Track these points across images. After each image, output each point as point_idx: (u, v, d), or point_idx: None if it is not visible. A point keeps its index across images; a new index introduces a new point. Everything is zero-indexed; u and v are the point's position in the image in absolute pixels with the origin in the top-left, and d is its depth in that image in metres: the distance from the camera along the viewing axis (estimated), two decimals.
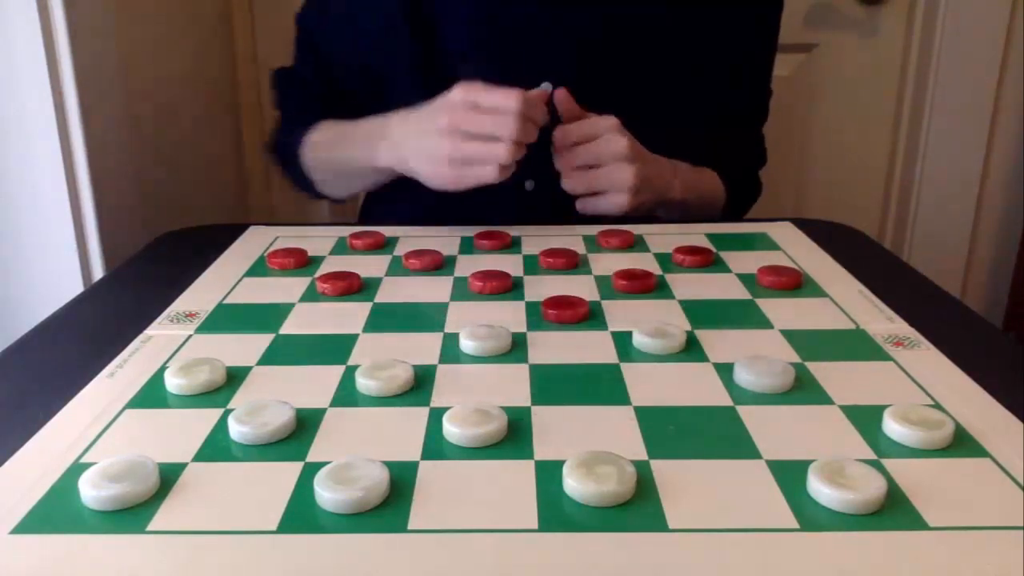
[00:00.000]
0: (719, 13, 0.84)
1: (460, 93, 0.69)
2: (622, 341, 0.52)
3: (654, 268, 0.65)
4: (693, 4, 0.82)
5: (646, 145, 0.75)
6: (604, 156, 0.72)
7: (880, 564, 0.32)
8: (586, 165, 0.73)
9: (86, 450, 0.41)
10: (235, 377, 0.48)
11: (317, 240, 0.73)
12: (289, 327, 0.55)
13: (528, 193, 0.83)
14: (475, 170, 0.69)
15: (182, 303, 0.60)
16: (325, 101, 0.90)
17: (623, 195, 0.72)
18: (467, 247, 0.71)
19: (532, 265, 0.67)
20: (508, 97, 0.68)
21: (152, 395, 0.46)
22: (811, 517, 0.35)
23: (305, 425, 0.42)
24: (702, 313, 0.57)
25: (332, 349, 0.52)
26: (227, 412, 0.43)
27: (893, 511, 0.35)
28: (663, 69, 0.83)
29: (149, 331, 0.55)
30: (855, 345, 0.52)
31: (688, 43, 0.83)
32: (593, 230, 0.74)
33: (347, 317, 0.57)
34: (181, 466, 0.39)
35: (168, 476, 0.38)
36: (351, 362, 0.50)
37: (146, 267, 0.72)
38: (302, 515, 0.35)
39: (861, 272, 0.64)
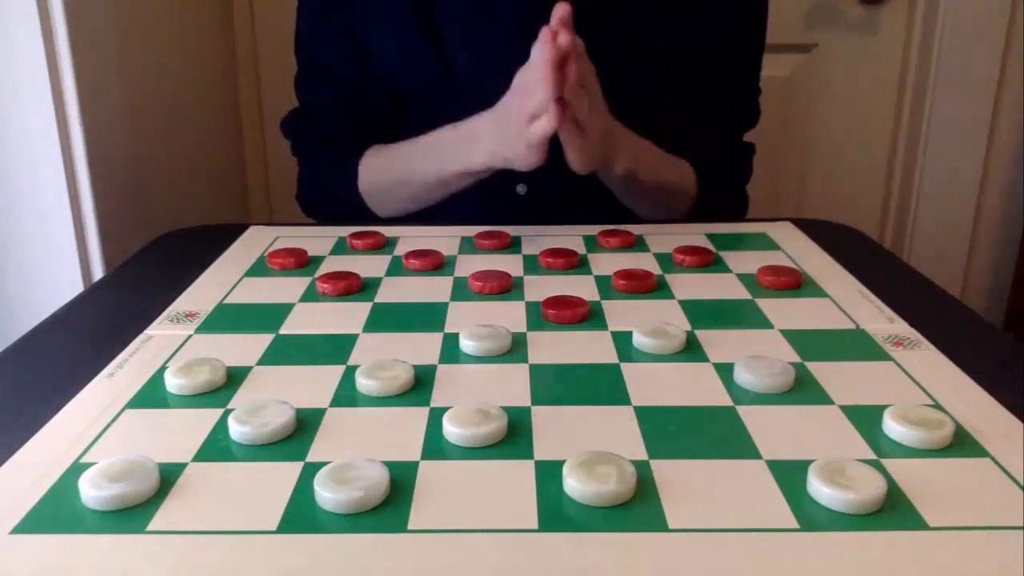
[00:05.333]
0: (699, 10, 0.82)
1: (518, 74, 0.69)
2: (622, 341, 0.52)
3: (654, 268, 0.65)
4: (670, 2, 0.81)
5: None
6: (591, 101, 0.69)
7: (880, 564, 0.32)
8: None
9: (86, 450, 0.41)
10: (235, 377, 0.48)
11: (317, 240, 0.73)
12: (289, 327, 0.55)
13: (520, 197, 0.83)
14: (535, 125, 0.67)
15: (182, 303, 0.60)
16: (352, 124, 0.87)
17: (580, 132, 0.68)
18: (467, 247, 0.71)
19: (532, 265, 0.67)
20: (537, 50, 0.66)
21: (152, 395, 0.46)
22: (811, 517, 0.35)
23: (305, 425, 0.42)
24: (702, 313, 0.57)
25: (332, 349, 0.52)
26: (227, 412, 0.43)
27: (893, 511, 0.35)
28: (640, 65, 0.82)
29: (149, 331, 0.55)
30: (855, 345, 0.52)
31: (664, 39, 0.82)
32: (593, 230, 0.74)
33: (347, 317, 0.57)
34: (181, 466, 0.39)
35: (168, 476, 0.38)
36: (351, 362, 0.50)
37: (146, 267, 0.72)
38: (302, 515, 0.35)
39: (861, 272, 0.64)
